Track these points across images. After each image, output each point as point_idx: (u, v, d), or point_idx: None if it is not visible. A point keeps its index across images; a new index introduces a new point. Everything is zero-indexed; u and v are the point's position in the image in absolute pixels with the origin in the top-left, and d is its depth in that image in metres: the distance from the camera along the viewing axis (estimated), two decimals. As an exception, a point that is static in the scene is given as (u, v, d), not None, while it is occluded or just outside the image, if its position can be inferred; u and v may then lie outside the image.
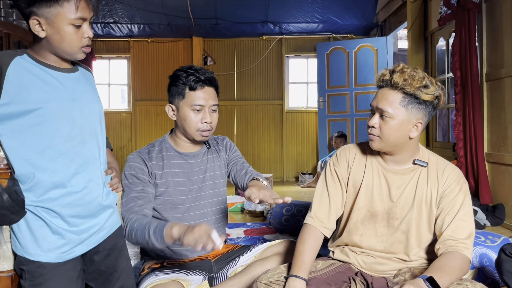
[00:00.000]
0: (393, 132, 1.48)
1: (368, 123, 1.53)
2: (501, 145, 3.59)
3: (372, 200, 1.58)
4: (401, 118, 1.47)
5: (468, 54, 3.72)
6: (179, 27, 6.55)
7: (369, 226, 1.59)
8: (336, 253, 1.67)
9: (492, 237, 2.29)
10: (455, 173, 1.55)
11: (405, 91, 1.46)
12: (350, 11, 6.43)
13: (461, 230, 1.46)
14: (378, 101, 1.50)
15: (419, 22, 5.06)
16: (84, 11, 1.27)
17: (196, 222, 1.75)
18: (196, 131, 1.71)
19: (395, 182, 1.57)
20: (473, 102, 3.69)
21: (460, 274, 1.39)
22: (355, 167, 1.64)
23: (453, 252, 1.43)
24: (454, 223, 1.47)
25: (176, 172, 1.74)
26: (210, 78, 1.72)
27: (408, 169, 1.57)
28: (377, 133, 1.50)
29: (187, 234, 1.28)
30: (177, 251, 1.77)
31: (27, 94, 1.25)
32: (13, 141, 1.27)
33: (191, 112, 1.70)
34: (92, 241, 1.40)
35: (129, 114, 6.91)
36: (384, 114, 1.48)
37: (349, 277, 1.57)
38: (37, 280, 1.30)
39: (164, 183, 1.72)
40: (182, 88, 1.71)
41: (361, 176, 1.61)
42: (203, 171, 1.80)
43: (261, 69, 6.94)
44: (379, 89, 1.53)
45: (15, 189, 1.25)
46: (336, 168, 1.66)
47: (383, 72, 1.53)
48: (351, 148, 1.69)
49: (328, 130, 6.46)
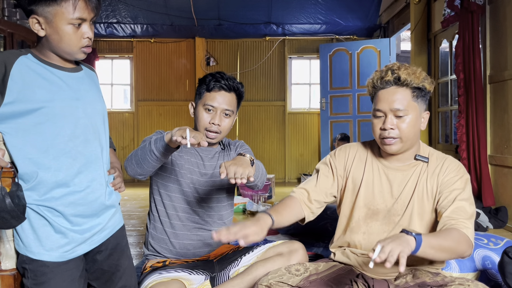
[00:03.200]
0: (411, 129, 1.49)
1: (384, 126, 1.48)
2: (504, 148, 3.58)
3: (373, 198, 1.58)
4: (415, 113, 1.49)
5: (472, 56, 3.71)
6: (182, 27, 6.55)
7: (371, 224, 1.59)
8: (337, 254, 1.66)
9: (495, 240, 2.28)
10: (454, 164, 1.55)
11: (412, 85, 1.47)
12: (353, 13, 6.42)
13: (461, 212, 1.42)
14: (390, 102, 1.48)
15: (422, 24, 5.05)
16: (82, 11, 1.26)
17: (193, 220, 1.80)
18: (204, 129, 1.77)
19: (396, 179, 1.57)
20: (476, 104, 3.69)
21: (455, 246, 1.32)
22: (355, 165, 1.64)
23: (451, 228, 1.37)
24: (454, 205, 1.44)
25: (190, 161, 1.81)
26: (230, 85, 1.78)
27: (409, 165, 1.57)
28: (396, 134, 1.48)
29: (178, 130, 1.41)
30: (179, 250, 1.78)
31: (31, 93, 1.25)
32: (16, 140, 1.27)
33: (204, 111, 1.77)
34: (95, 240, 1.41)
35: (131, 114, 6.92)
36: (399, 114, 1.47)
37: (350, 279, 1.56)
38: (39, 279, 1.30)
39: (178, 164, 1.78)
40: (202, 88, 1.80)
41: (361, 174, 1.61)
42: (212, 167, 1.84)
43: (264, 70, 6.94)
44: (381, 90, 1.52)
45: (18, 194, 1.25)
46: (332, 160, 1.68)
47: (380, 74, 1.52)
48: (351, 147, 1.69)
49: (330, 131, 6.45)
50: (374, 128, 1.54)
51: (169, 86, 6.88)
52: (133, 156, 1.60)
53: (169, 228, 1.79)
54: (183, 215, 1.78)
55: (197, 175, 1.80)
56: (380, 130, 1.51)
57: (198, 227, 1.80)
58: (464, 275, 2.01)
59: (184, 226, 1.78)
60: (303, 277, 1.51)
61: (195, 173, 1.80)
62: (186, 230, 1.79)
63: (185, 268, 1.71)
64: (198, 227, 1.80)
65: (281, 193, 5.45)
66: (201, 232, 1.81)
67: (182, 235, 1.78)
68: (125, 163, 1.63)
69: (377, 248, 1.11)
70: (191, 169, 1.80)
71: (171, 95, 6.88)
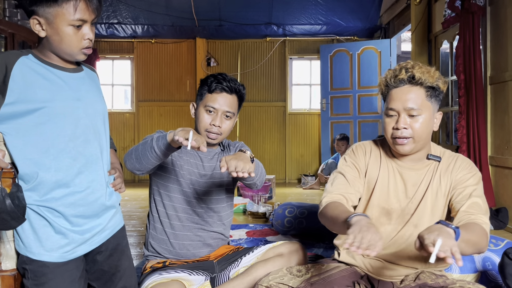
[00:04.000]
0: (425, 129, 1.46)
1: (397, 125, 1.46)
2: (505, 149, 3.57)
3: (387, 198, 1.56)
4: (429, 113, 1.47)
5: (472, 57, 3.71)
6: (183, 28, 6.55)
7: (384, 223, 1.56)
8: (342, 254, 1.65)
9: (496, 241, 2.28)
10: (467, 162, 1.54)
11: (427, 84, 1.45)
12: (354, 13, 6.42)
13: (476, 207, 1.42)
14: (404, 100, 1.45)
15: (423, 25, 5.05)
16: (83, 13, 1.26)
17: (193, 221, 1.80)
18: (204, 131, 1.77)
19: (410, 178, 1.55)
20: (477, 105, 3.69)
21: (479, 240, 1.29)
22: (371, 164, 1.60)
23: (471, 222, 1.35)
24: (470, 200, 1.43)
25: (190, 162, 1.81)
26: (231, 87, 1.78)
27: (422, 164, 1.56)
28: (409, 134, 1.46)
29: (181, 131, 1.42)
30: (179, 250, 1.78)
31: (32, 93, 1.25)
32: (17, 140, 1.27)
33: (204, 112, 1.78)
34: (95, 241, 1.41)
35: (132, 115, 6.92)
36: (412, 113, 1.45)
37: (353, 281, 1.55)
38: (39, 279, 1.30)
39: (178, 165, 1.78)
40: (204, 90, 1.80)
41: (376, 173, 1.59)
42: (211, 168, 1.84)
43: (265, 70, 6.94)
44: (394, 89, 1.48)
45: (18, 195, 1.25)
46: (353, 160, 1.62)
47: (394, 72, 1.49)
48: (366, 145, 1.65)
49: (331, 132, 6.44)
50: (386, 128, 1.50)
51: (170, 87, 6.88)
52: (134, 151, 1.60)
53: (169, 229, 1.79)
54: (183, 216, 1.78)
55: (196, 176, 1.81)
56: (392, 130, 1.48)
57: (198, 228, 1.80)
58: (465, 276, 2.01)
59: (184, 227, 1.79)
60: (304, 278, 1.50)
61: (194, 174, 1.80)
62: (186, 230, 1.79)
63: (185, 268, 1.71)
64: (198, 227, 1.80)
65: (281, 193, 5.44)
66: (201, 232, 1.81)
67: (182, 235, 1.79)
68: (125, 157, 1.64)
69: (437, 242, 1.06)
70: (190, 169, 1.80)
71: (171, 96, 6.88)
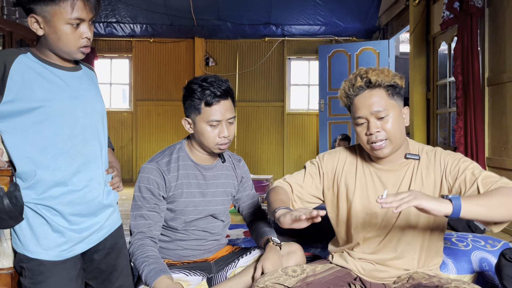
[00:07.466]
0: (397, 127, 1.48)
1: (370, 131, 1.47)
2: (502, 150, 3.58)
3: (369, 203, 1.56)
4: (396, 111, 1.49)
5: (470, 58, 3.72)
6: (182, 27, 6.56)
7: (369, 227, 1.58)
8: (335, 257, 1.66)
9: (492, 242, 2.29)
10: (445, 152, 1.54)
11: (385, 84, 1.48)
12: (353, 14, 6.43)
13: (491, 177, 1.39)
14: (368, 105, 1.48)
15: (421, 26, 5.06)
16: (81, 12, 1.26)
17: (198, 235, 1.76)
18: (215, 145, 1.68)
19: (389, 180, 1.55)
20: (475, 107, 3.70)
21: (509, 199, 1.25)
22: (346, 171, 1.62)
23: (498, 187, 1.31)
24: (481, 176, 1.41)
25: (190, 183, 1.73)
26: (225, 90, 1.66)
27: (401, 164, 1.55)
28: (384, 136, 1.47)
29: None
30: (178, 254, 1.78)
31: (30, 92, 1.25)
32: (15, 139, 1.27)
33: (208, 127, 1.65)
34: (93, 239, 1.41)
35: (130, 114, 6.92)
36: (380, 115, 1.47)
37: (348, 282, 1.56)
38: (37, 278, 1.30)
39: (176, 194, 1.70)
40: (197, 103, 1.64)
41: (353, 180, 1.60)
42: (215, 186, 1.78)
43: (263, 70, 6.95)
44: (356, 97, 1.52)
45: (16, 194, 1.25)
46: (320, 161, 1.68)
47: (350, 82, 1.53)
48: (341, 151, 1.68)
49: (329, 132, 6.45)
50: (360, 136, 1.52)
51: (168, 86, 6.88)
52: (131, 255, 1.60)
53: (167, 238, 1.76)
54: (186, 232, 1.74)
55: (198, 196, 1.74)
56: (366, 136, 1.49)
57: (199, 238, 1.78)
58: (461, 277, 2.01)
59: (186, 240, 1.76)
60: (299, 278, 1.50)
61: (196, 195, 1.74)
62: (185, 240, 1.76)
63: (183, 269, 1.70)
64: (199, 238, 1.78)
65: (279, 194, 5.43)
66: (204, 242, 1.79)
67: (182, 243, 1.76)
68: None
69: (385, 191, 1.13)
70: (192, 193, 1.73)
71: (170, 95, 6.88)
